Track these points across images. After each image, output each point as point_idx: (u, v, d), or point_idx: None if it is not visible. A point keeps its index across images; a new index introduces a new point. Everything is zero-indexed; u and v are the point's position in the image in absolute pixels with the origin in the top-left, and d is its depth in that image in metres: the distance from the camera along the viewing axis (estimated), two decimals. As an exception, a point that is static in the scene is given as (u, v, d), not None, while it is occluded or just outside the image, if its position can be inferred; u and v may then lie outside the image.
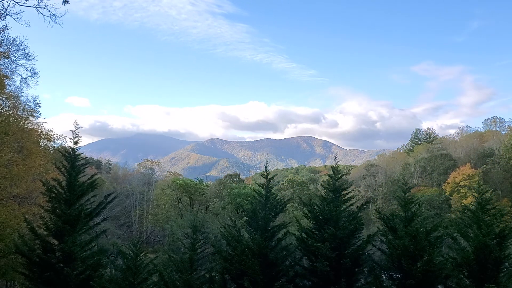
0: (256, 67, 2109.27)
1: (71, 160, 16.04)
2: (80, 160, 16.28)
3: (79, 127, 16.30)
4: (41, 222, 15.74)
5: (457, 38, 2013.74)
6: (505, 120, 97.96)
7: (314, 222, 15.99)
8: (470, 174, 66.38)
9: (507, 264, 14.35)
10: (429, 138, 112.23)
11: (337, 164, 16.89)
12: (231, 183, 74.27)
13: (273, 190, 16.58)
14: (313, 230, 15.96)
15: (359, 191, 79.06)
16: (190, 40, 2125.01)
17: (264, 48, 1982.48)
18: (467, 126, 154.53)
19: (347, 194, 16.34)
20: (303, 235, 16.07)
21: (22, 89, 26.15)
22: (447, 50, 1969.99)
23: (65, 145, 27.32)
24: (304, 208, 16.81)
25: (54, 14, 14.99)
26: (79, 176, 16.12)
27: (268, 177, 16.47)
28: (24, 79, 24.50)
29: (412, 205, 15.35)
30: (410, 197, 15.53)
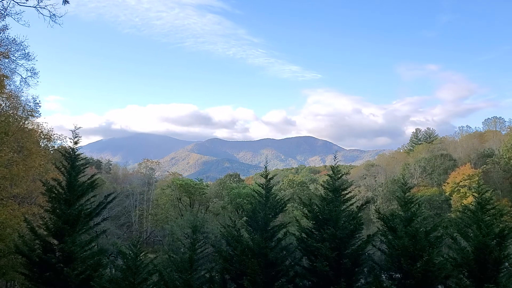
0: (230, 62, 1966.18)
1: (71, 160, 16.06)
2: (80, 160, 16.30)
3: (79, 127, 16.33)
4: (41, 222, 15.75)
5: (428, 33, 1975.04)
6: (505, 120, 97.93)
7: (314, 222, 16.00)
8: (470, 174, 66.35)
9: (507, 264, 14.36)
10: (429, 138, 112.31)
11: (337, 164, 16.90)
12: (231, 183, 74.28)
13: (273, 190, 16.60)
14: (313, 230, 15.97)
15: (359, 191, 79.10)
16: (155, 32, 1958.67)
17: (239, 42, 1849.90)
18: (467, 126, 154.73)
19: (347, 194, 16.34)
20: (303, 235, 16.07)
21: (22, 89, 26.21)
22: (419, 45, 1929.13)
23: (65, 145, 27.39)
24: (304, 208, 16.82)
25: (54, 14, 15.02)
26: (79, 176, 16.14)
27: (268, 177, 16.48)
28: (24, 79, 24.58)
29: (412, 205, 15.36)
30: (410, 197, 15.54)
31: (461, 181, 66.54)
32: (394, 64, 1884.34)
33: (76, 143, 16.29)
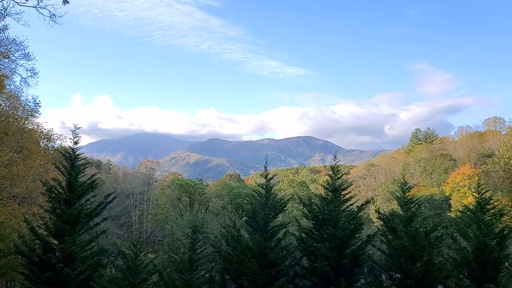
0: (204, 58, 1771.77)
1: (71, 160, 16.06)
2: (80, 160, 16.30)
3: (79, 127, 16.32)
4: (41, 222, 15.75)
5: (399, 29, 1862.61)
6: (505, 120, 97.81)
7: (314, 222, 16.00)
8: (470, 174, 66.40)
9: (507, 264, 14.36)
10: (429, 138, 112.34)
11: (337, 164, 16.89)
12: (231, 183, 74.24)
13: (273, 190, 16.59)
14: (313, 230, 15.97)
15: (359, 191, 79.19)
16: (119, 25, 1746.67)
17: (213, 35, 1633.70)
18: (467, 126, 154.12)
19: (347, 194, 16.35)
20: (303, 235, 16.07)
21: (22, 89, 26.23)
22: (390, 40, 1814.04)
23: (65, 145, 27.40)
24: (304, 208, 16.82)
25: (54, 14, 14.99)
26: (79, 176, 16.14)
27: (268, 177, 16.47)
28: (24, 79, 24.59)
29: (412, 205, 15.37)
30: (410, 197, 15.54)
31: (461, 181, 66.61)
32: (368, 61, 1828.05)
33: (76, 143, 16.29)
